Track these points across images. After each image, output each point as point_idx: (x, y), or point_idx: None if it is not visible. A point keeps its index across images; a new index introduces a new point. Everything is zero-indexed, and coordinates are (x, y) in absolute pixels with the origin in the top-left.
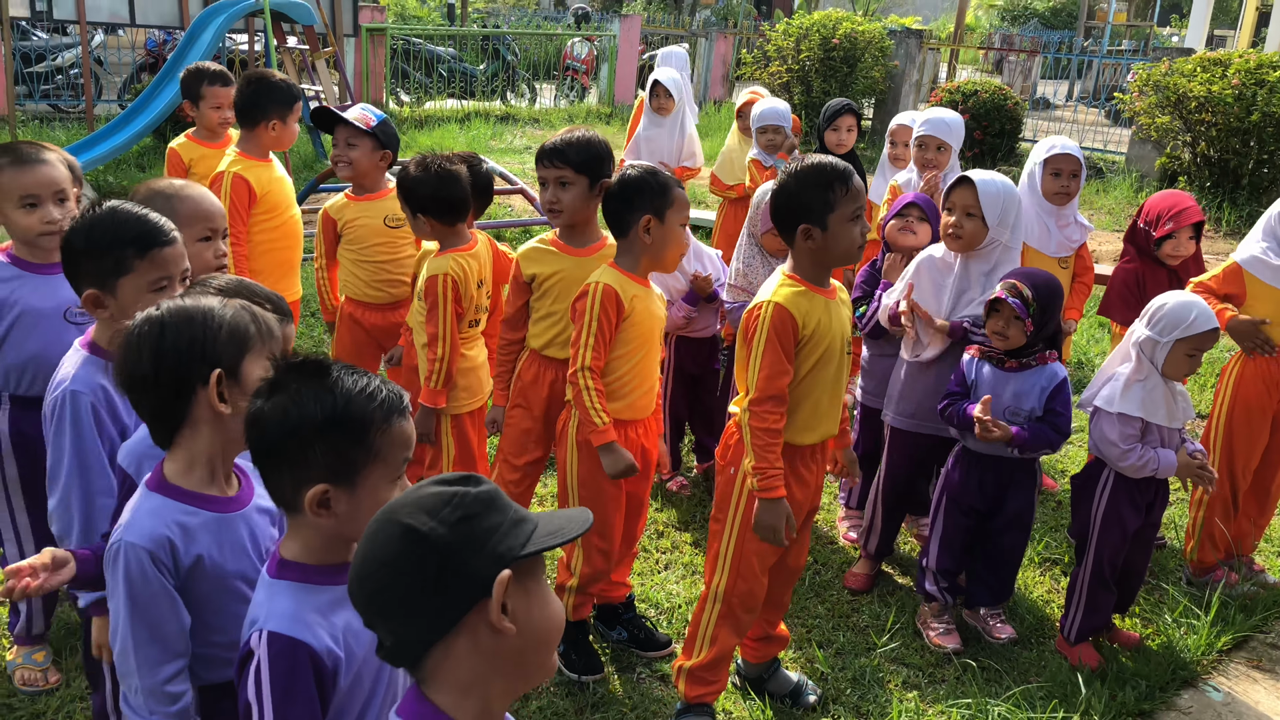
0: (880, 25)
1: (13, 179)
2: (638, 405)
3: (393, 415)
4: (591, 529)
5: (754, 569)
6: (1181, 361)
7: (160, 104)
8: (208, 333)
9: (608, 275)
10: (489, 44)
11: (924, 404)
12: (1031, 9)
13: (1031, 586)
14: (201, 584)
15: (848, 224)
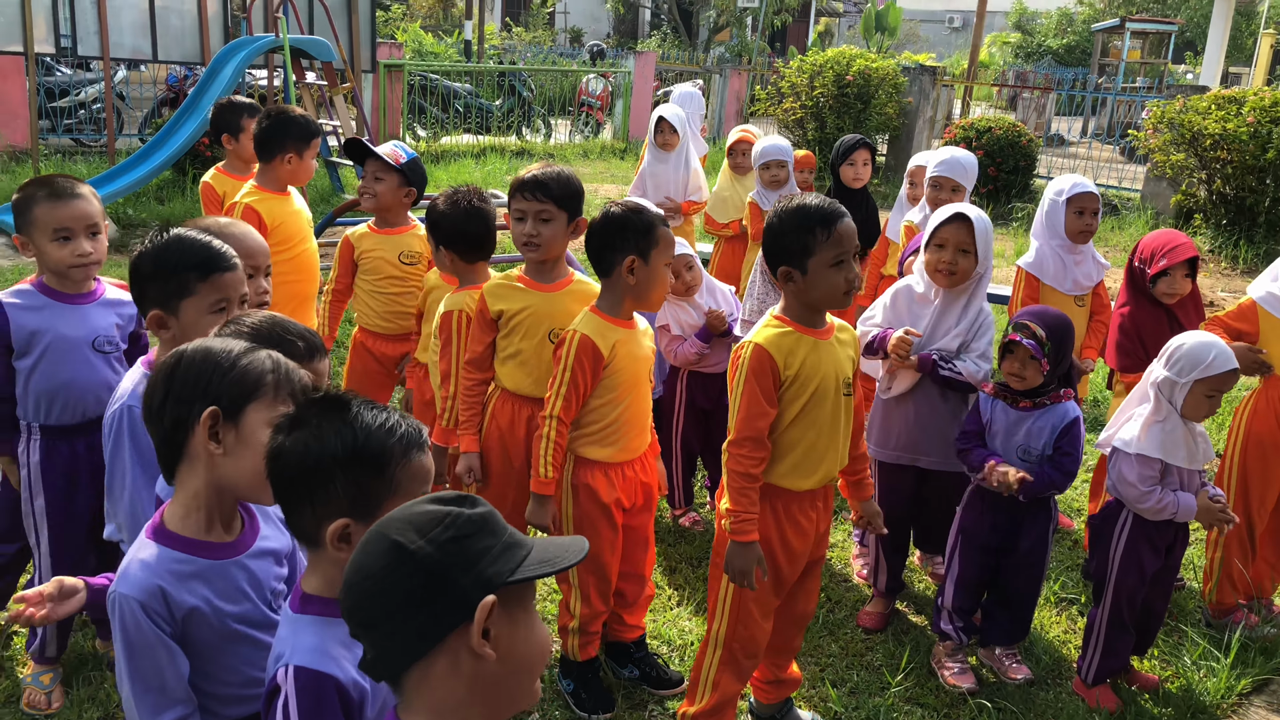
0: (894, 62)
1: (48, 212)
2: (631, 447)
3: (412, 449)
4: (586, 568)
5: (753, 615)
6: (1201, 403)
7: (180, 138)
8: (216, 371)
9: (587, 323)
10: (505, 80)
11: (903, 437)
12: (1045, 46)
13: (1048, 626)
14: (202, 630)
15: (828, 269)
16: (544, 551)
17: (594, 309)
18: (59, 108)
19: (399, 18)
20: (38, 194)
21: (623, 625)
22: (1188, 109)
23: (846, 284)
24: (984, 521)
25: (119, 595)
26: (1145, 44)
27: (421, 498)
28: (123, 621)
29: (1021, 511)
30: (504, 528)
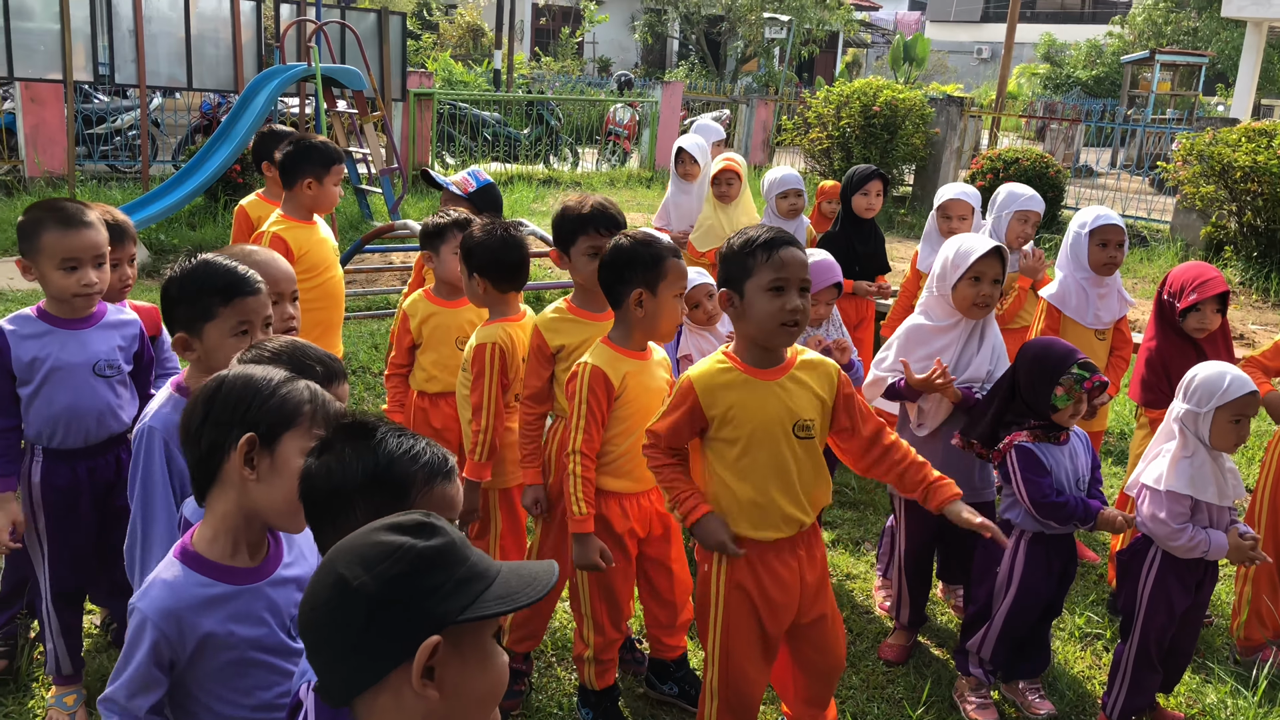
0: (921, 93)
1: (56, 240)
2: (645, 477)
3: (435, 477)
4: (598, 598)
5: (743, 668)
6: (1227, 429)
7: (213, 165)
8: (256, 398)
9: (597, 354)
10: (533, 109)
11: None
12: (1074, 78)
13: (1072, 662)
14: (216, 654)
15: (764, 293)
16: (505, 585)
17: (605, 340)
18: (95, 134)
19: (429, 46)
20: (46, 219)
21: (663, 645)
22: (1218, 141)
23: (784, 314)
24: (1050, 576)
25: (138, 608)
26: (1175, 76)
27: (382, 522)
28: (134, 631)
29: (1071, 552)
30: (463, 559)
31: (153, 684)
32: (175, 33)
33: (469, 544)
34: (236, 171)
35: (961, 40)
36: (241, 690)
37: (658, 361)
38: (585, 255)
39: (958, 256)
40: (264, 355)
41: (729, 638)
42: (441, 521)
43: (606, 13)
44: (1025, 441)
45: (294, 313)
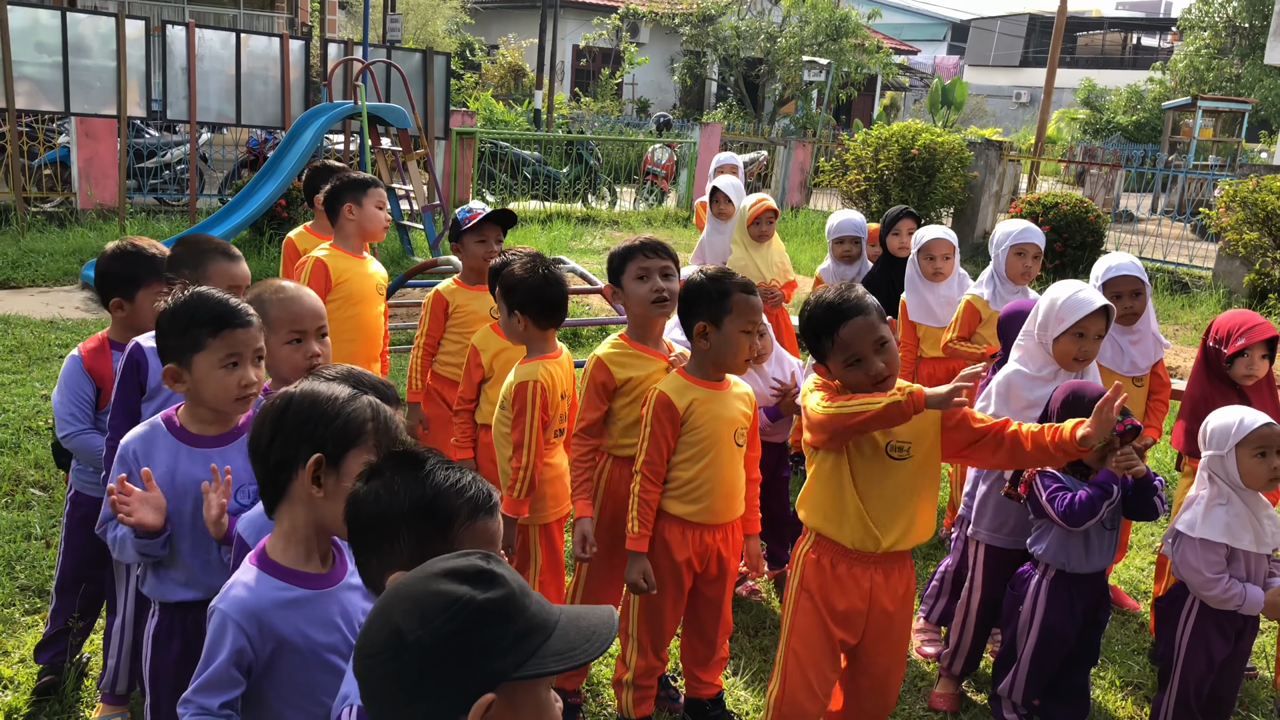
0: (960, 137)
1: (224, 269)
2: (716, 509)
3: (479, 512)
4: (644, 621)
5: (803, 682)
6: (1255, 466)
7: (259, 200)
8: (323, 418)
9: (668, 382)
10: (573, 148)
11: (1018, 521)
12: (1114, 123)
13: (1114, 710)
14: (292, 657)
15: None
16: (564, 639)
17: (680, 369)
18: (145, 168)
19: (471, 86)
20: (211, 253)
21: (699, 682)
22: (1261, 188)
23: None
24: (1072, 616)
25: (219, 609)
26: (1218, 122)
27: (441, 563)
28: (215, 632)
29: (1099, 590)
30: (522, 610)
31: (230, 684)
32: (226, 70)
33: (528, 591)
34: (282, 206)
35: (1000, 84)
36: (311, 698)
37: (737, 395)
38: (635, 279)
39: (1064, 309)
40: (322, 378)
41: (794, 638)
42: (502, 568)
43: (646, 54)
44: (1048, 470)
45: (319, 350)
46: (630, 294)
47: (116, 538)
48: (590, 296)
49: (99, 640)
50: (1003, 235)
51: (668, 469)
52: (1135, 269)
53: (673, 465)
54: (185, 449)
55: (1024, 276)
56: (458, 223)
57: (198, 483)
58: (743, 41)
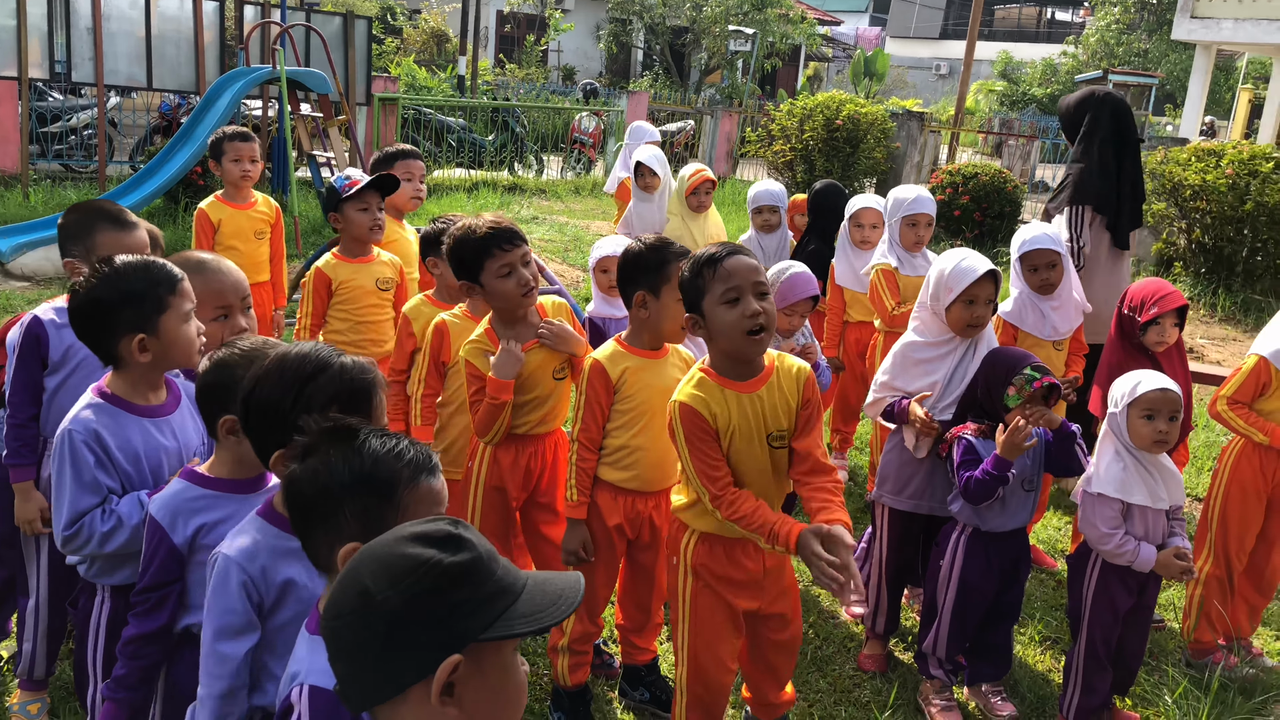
0: (883, 108)
1: (113, 238)
2: (648, 477)
3: (421, 473)
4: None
5: (711, 654)
6: (1141, 426)
7: (174, 167)
8: (283, 406)
9: (603, 350)
10: (498, 116)
11: (922, 485)
12: (1030, 95)
13: (1033, 664)
14: (293, 604)
15: (722, 306)
16: (531, 602)
17: (617, 338)
18: (50, 133)
19: (392, 51)
20: (97, 220)
21: (634, 648)
22: (1168, 160)
23: (745, 321)
24: (989, 572)
25: (221, 554)
26: (1127, 96)
27: (411, 528)
28: (220, 575)
29: (1017, 548)
30: (489, 574)
31: (248, 627)
32: (135, 32)
33: (496, 556)
34: (197, 174)
35: (920, 56)
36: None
37: (675, 364)
38: (499, 276)
39: (952, 277)
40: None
41: (696, 623)
42: (470, 533)
43: (571, 21)
44: (968, 434)
45: (245, 325)
46: (497, 292)
47: (104, 531)
48: None
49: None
50: (895, 204)
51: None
52: (1050, 241)
53: (606, 432)
54: (147, 421)
55: (916, 245)
56: (335, 191)
57: (159, 451)
58: (668, 9)
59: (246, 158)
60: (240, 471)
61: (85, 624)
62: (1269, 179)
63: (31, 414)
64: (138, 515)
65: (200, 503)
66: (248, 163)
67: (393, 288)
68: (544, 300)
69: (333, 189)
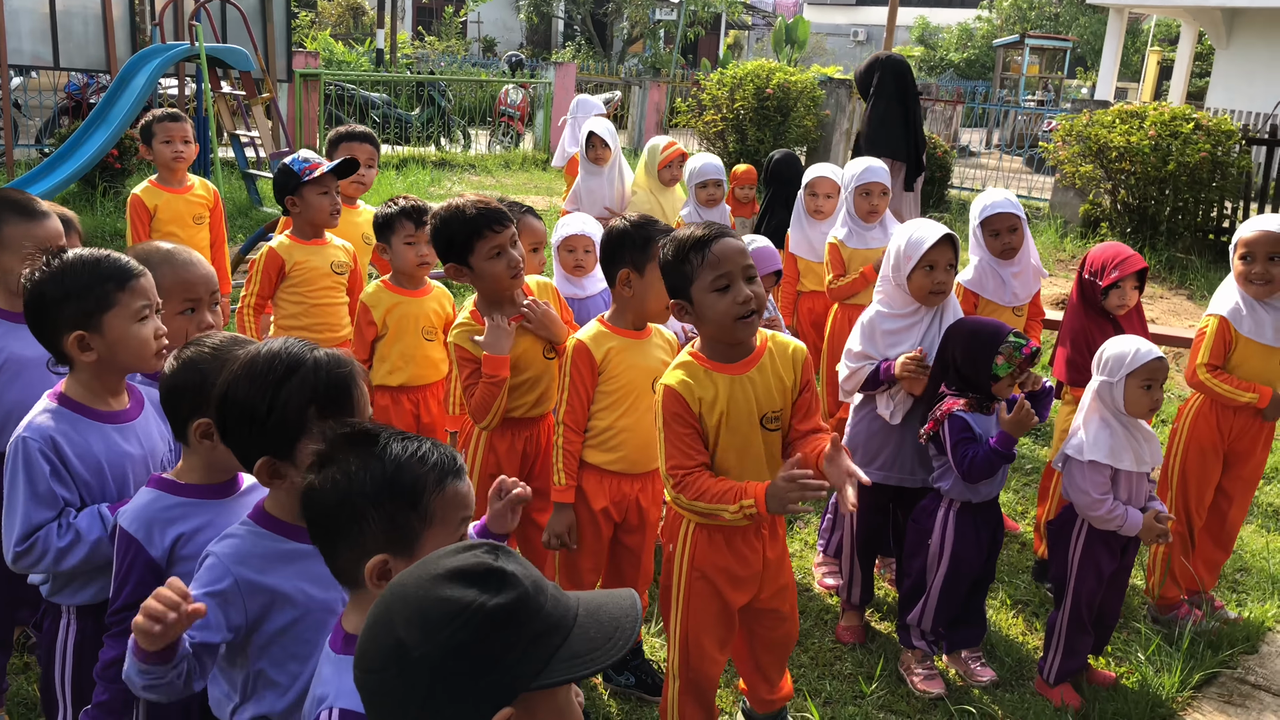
0: (812, 75)
1: (21, 230)
2: (634, 459)
3: (447, 477)
4: (564, 571)
5: (702, 644)
6: (1140, 395)
7: (90, 150)
8: (256, 417)
9: (586, 330)
10: (423, 90)
11: (890, 457)
12: (947, 60)
13: (1005, 628)
14: (287, 610)
15: (713, 294)
16: (584, 639)
17: (600, 318)
18: None
19: (307, 25)
20: (4, 211)
21: None
22: (1094, 123)
23: (738, 307)
24: (977, 545)
25: (213, 553)
26: (1043, 59)
27: (446, 561)
28: (208, 575)
29: (997, 520)
30: (535, 609)
31: (214, 628)
32: (38, 8)
33: (542, 585)
34: (114, 156)
35: (839, 23)
36: (295, 656)
37: (659, 344)
38: (489, 258)
39: (909, 247)
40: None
41: (690, 615)
42: (512, 562)
43: None
44: (960, 410)
45: (212, 321)
46: (487, 274)
47: (61, 547)
48: None
49: None
50: (849, 177)
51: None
52: (1011, 205)
53: (591, 414)
54: (109, 427)
55: (872, 215)
56: (294, 174)
57: (123, 458)
58: None
59: (178, 138)
60: (212, 476)
61: (51, 648)
62: (1189, 139)
63: None
64: (98, 530)
65: (175, 511)
66: (180, 144)
67: (347, 272)
68: (530, 281)
69: (290, 170)
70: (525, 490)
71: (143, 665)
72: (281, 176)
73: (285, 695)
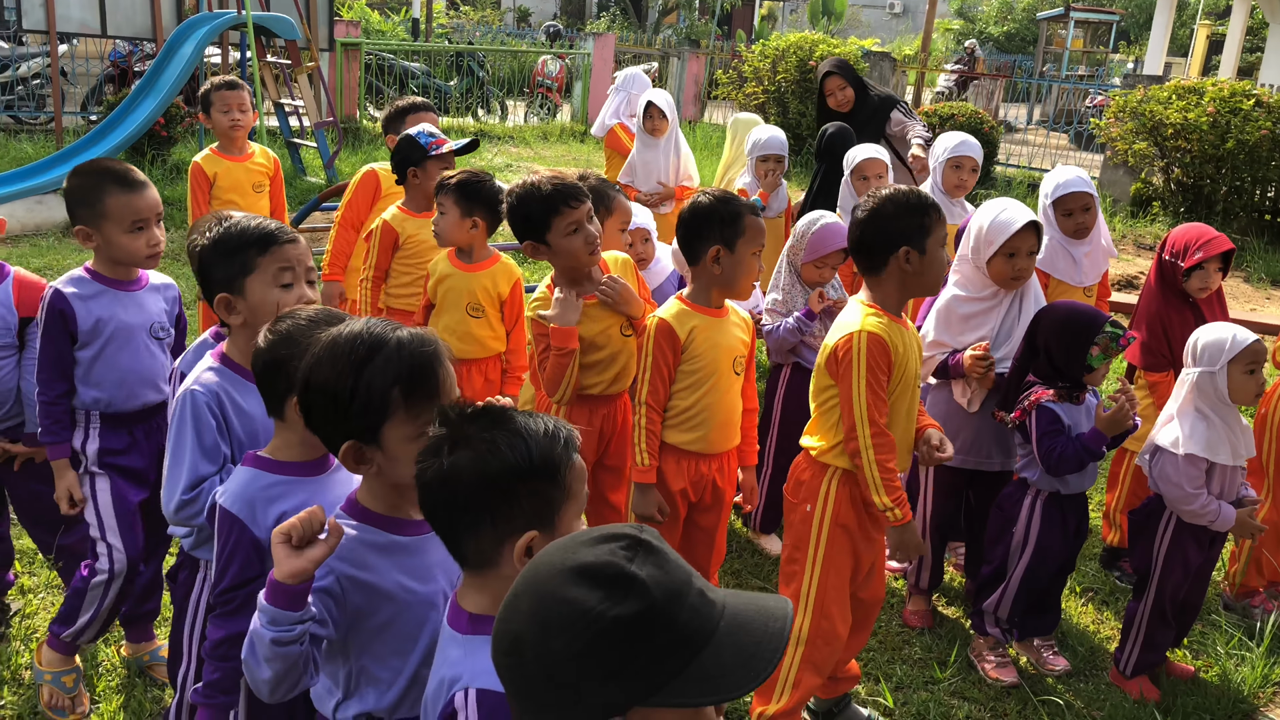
0: (855, 48)
1: (124, 203)
2: (713, 439)
3: (573, 452)
4: None
5: (836, 608)
6: (1244, 381)
7: (139, 118)
8: (339, 401)
9: (668, 309)
10: (461, 60)
11: (971, 439)
12: (987, 34)
13: (1076, 617)
14: (388, 606)
15: (941, 250)
16: (716, 660)
17: (680, 296)
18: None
19: None
20: (108, 184)
21: None
22: (1149, 99)
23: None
24: (1064, 536)
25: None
26: (1087, 33)
27: (581, 552)
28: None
29: (1083, 511)
30: (665, 624)
31: (324, 622)
32: None
33: (682, 592)
34: (161, 125)
35: None
36: (394, 650)
37: (735, 322)
38: (566, 234)
39: (992, 230)
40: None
41: (828, 573)
42: (647, 566)
43: None
44: (1049, 401)
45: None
46: (564, 250)
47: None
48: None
49: (34, 600)
50: (940, 149)
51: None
52: (1084, 184)
53: (671, 393)
54: None
55: (959, 189)
56: (419, 146)
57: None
58: None
59: (236, 107)
60: (308, 452)
61: (184, 600)
62: (1250, 117)
63: (62, 390)
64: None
65: (275, 490)
66: (237, 112)
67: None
68: (608, 257)
69: (416, 143)
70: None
71: (273, 612)
72: (406, 148)
73: (388, 692)
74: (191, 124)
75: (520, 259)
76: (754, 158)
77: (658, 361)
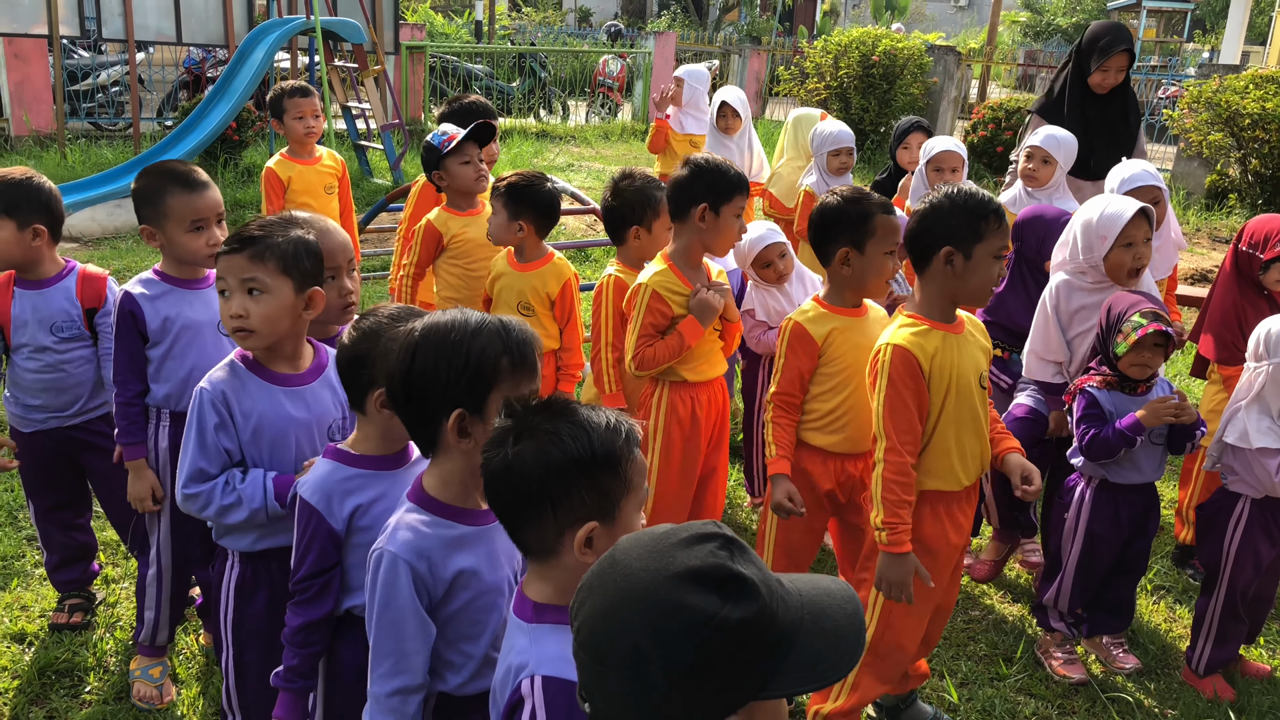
0: (919, 42)
1: (185, 203)
2: (855, 439)
3: (634, 445)
4: (780, 552)
5: (905, 619)
6: None
7: (212, 123)
8: (450, 371)
9: (803, 312)
10: (524, 61)
11: None
12: (1055, 25)
13: (1148, 615)
14: (462, 594)
15: (991, 259)
16: (810, 648)
17: (817, 298)
18: (78, 91)
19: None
20: (169, 184)
21: None
22: (1224, 89)
23: (998, 277)
24: (1118, 525)
25: (386, 553)
26: (1160, 22)
27: (682, 557)
28: (385, 579)
29: (1148, 499)
30: (771, 620)
31: (423, 629)
32: None
33: (772, 587)
34: (233, 129)
35: None
36: (469, 636)
37: (875, 320)
38: (734, 218)
39: (1102, 225)
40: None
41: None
42: (748, 563)
43: None
44: (1092, 386)
45: (351, 287)
46: (724, 230)
47: (224, 504)
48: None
49: (117, 590)
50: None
51: (806, 399)
52: (1152, 178)
53: (813, 396)
54: (279, 390)
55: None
56: (434, 149)
57: (285, 421)
58: None
59: (309, 113)
60: (387, 446)
61: (218, 588)
62: None
63: (137, 391)
64: (259, 500)
65: (353, 483)
66: (310, 118)
67: None
68: (709, 264)
69: (431, 147)
70: None
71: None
72: (425, 154)
73: (461, 673)
74: (262, 128)
75: (579, 256)
76: (825, 152)
77: (790, 363)
